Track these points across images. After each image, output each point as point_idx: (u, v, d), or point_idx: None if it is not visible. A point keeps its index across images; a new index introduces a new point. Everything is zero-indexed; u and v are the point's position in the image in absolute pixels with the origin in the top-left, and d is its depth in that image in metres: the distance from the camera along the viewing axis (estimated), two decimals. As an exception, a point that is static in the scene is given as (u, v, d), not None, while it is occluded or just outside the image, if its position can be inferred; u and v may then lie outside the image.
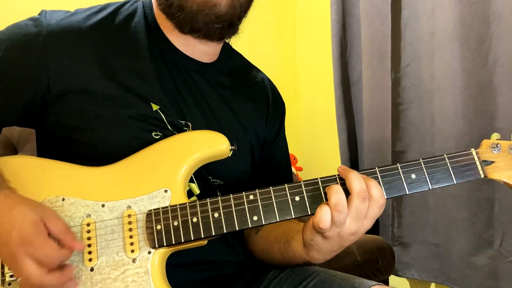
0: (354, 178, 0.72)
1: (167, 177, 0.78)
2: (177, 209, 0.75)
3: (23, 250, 0.65)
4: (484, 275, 1.62)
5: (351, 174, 0.72)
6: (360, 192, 0.71)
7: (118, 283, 0.73)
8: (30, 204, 0.70)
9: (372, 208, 0.73)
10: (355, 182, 0.71)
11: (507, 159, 0.78)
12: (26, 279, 0.65)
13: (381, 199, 0.73)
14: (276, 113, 1.02)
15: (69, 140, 0.81)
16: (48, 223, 0.68)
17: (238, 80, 0.98)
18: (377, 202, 0.73)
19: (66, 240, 0.69)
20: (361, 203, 0.72)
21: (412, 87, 1.86)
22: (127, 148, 0.80)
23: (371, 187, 0.72)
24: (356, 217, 0.72)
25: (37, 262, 0.66)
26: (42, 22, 0.81)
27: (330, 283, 0.85)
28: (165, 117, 0.83)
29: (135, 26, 0.87)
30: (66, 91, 0.79)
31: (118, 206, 0.76)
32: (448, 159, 0.77)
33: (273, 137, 1.01)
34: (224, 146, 0.80)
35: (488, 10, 1.56)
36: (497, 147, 0.78)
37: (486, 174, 0.77)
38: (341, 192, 0.71)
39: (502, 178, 0.77)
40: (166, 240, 0.74)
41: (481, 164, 0.77)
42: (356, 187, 0.71)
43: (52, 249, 0.67)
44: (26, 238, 0.66)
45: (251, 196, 0.75)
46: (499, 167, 0.77)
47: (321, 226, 0.71)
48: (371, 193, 0.72)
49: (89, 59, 0.81)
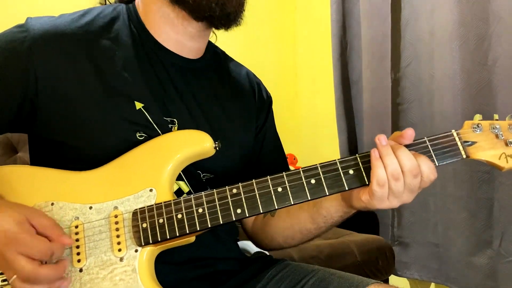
0: (401, 154, 0.73)
1: (152, 177, 0.79)
2: (162, 206, 0.76)
3: (12, 249, 0.66)
4: (483, 275, 1.63)
5: (399, 152, 0.73)
6: (410, 167, 0.73)
7: (107, 283, 0.74)
8: (13, 206, 0.72)
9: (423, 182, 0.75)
10: (406, 160, 0.72)
11: (489, 138, 0.77)
12: (20, 274, 0.66)
13: (431, 175, 0.74)
14: (263, 107, 1.03)
15: (58, 143, 0.82)
16: (33, 221, 0.69)
17: (223, 75, 0.99)
18: (427, 177, 0.75)
19: (53, 235, 0.70)
20: (412, 178, 0.74)
21: (412, 87, 1.87)
22: (112, 150, 0.81)
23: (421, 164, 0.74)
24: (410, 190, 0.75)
25: (28, 258, 0.66)
26: (27, 27, 0.82)
27: (329, 282, 0.85)
28: (149, 115, 0.83)
29: (118, 28, 0.88)
30: (53, 94, 0.80)
31: (105, 208, 0.77)
32: (429, 141, 0.76)
33: (260, 128, 1.02)
34: (208, 144, 0.81)
35: (487, 10, 1.56)
36: (478, 127, 0.77)
37: (469, 155, 0.76)
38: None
39: (485, 157, 0.76)
40: (152, 237, 0.75)
41: (463, 145, 0.76)
42: (407, 164, 0.72)
43: (40, 243, 0.68)
44: (13, 238, 0.67)
45: (234, 189, 0.76)
46: (481, 146, 0.76)
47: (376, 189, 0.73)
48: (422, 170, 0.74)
49: (75, 61, 0.82)
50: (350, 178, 0.76)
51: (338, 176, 0.76)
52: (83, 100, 0.81)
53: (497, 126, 0.78)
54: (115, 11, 0.91)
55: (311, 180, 0.76)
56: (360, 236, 1.82)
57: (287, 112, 2.65)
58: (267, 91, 1.07)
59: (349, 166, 0.76)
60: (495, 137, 0.77)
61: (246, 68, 1.06)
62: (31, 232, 0.69)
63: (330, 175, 0.76)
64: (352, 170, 0.76)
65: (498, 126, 0.78)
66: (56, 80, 0.81)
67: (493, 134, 0.77)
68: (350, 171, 0.76)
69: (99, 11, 0.90)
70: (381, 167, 0.72)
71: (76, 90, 0.81)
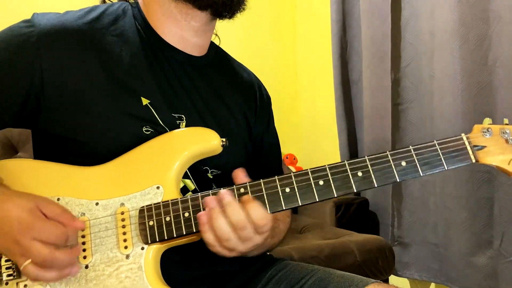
0: (232, 210, 0.71)
1: (159, 174, 0.78)
2: (169, 204, 0.76)
3: (26, 236, 0.67)
4: (483, 275, 1.63)
5: (227, 208, 0.71)
6: (237, 223, 0.70)
7: (112, 280, 0.74)
8: (23, 195, 0.72)
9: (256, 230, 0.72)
10: (233, 216, 0.71)
11: (499, 143, 0.76)
12: (37, 259, 0.67)
13: (260, 221, 0.71)
14: (263, 107, 1.04)
15: (63, 139, 0.82)
16: (43, 209, 0.70)
17: (226, 74, 1.00)
18: (257, 224, 0.71)
19: (65, 220, 0.71)
20: (241, 232, 0.71)
21: (412, 87, 1.87)
22: (119, 145, 0.81)
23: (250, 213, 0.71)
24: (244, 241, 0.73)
25: (43, 243, 0.68)
26: (34, 23, 0.83)
27: (328, 281, 0.85)
28: (156, 112, 0.84)
29: (124, 25, 0.89)
30: (60, 88, 0.81)
31: (111, 204, 0.77)
32: (438, 145, 0.76)
33: (262, 130, 1.03)
34: (215, 142, 0.80)
35: (487, 10, 1.56)
36: (488, 132, 0.76)
37: (478, 159, 0.75)
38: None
39: (494, 162, 0.75)
40: (158, 236, 0.75)
41: (472, 149, 0.75)
42: (234, 220, 0.71)
43: (54, 228, 0.69)
44: (26, 225, 0.68)
45: (242, 189, 0.75)
46: (490, 151, 0.75)
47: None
48: (251, 219, 0.71)
49: (81, 56, 0.83)
50: (359, 180, 0.75)
51: (347, 177, 0.75)
52: (89, 95, 0.81)
53: (507, 131, 0.77)
54: (120, 8, 0.92)
55: (320, 181, 0.75)
56: (360, 236, 1.82)
57: (287, 112, 2.65)
58: (267, 93, 1.08)
59: (358, 168, 0.75)
60: (505, 142, 0.76)
61: (247, 69, 1.07)
62: (43, 218, 0.69)
63: (338, 176, 0.75)
64: (361, 172, 0.75)
65: (508, 131, 0.77)
66: (62, 75, 0.81)
67: (503, 139, 0.76)
68: (359, 173, 0.75)
69: (104, 8, 0.91)
70: (208, 232, 0.72)
71: (82, 86, 0.81)
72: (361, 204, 2.03)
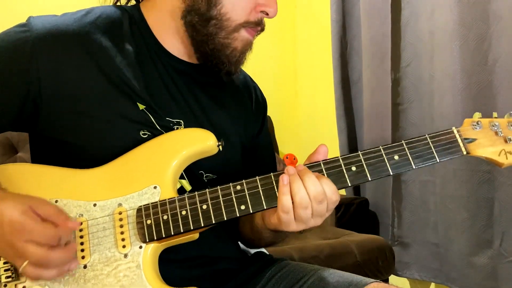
0: (308, 180, 0.73)
1: (156, 174, 0.79)
2: (166, 203, 0.76)
3: (19, 238, 0.68)
4: (483, 275, 1.63)
5: (306, 177, 0.74)
6: (317, 195, 0.73)
7: (111, 279, 0.74)
8: (17, 197, 0.73)
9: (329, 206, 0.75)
10: (313, 186, 0.73)
11: (489, 136, 0.78)
12: (32, 259, 0.67)
13: (334, 195, 0.75)
14: (258, 108, 1.05)
15: (61, 142, 0.82)
16: (37, 210, 0.70)
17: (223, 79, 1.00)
18: (330, 199, 0.75)
19: (58, 220, 0.71)
20: (319, 204, 0.74)
21: (412, 87, 1.87)
22: (116, 148, 0.81)
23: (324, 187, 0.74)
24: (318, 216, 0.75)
25: (37, 244, 0.68)
26: (30, 27, 0.82)
27: (328, 281, 0.85)
28: (152, 117, 0.84)
29: (121, 28, 0.88)
30: (57, 93, 0.80)
31: (109, 205, 0.78)
32: (429, 138, 0.78)
33: (256, 131, 1.03)
34: (211, 142, 0.81)
35: (487, 10, 1.56)
36: (478, 125, 0.79)
37: (469, 151, 0.77)
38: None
39: (484, 154, 0.77)
40: (156, 234, 0.75)
41: (463, 142, 0.78)
42: (313, 191, 0.73)
43: (47, 229, 0.69)
44: (19, 227, 0.68)
45: (238, 186, 0.77)
46: (481, 143, 0.78)
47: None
48: (326, 194, 0.74)
49: (78, 60, 0.82)
50: (353, 175, 0.77)
51: (341, 172, 0.77)
52: (86, 99, 0.81)
53: (496, 123, 0.79)
54: (118, 11, 0.91)
55: None
56: (360, 236, 1.83)
57: (287, 112, 2.65)
58: (262, 95, 1.08)
59: (352, 163, 0.77)
60: (495, 134, 0.79)
61: (244, 72, 1.07)
62: (36, 219, 0.69)
63: (333, 171, 0.77)
64: (354, 167, 0.77)
65: (498, 123, 0.79)
66: (59, 80, 0.81)
67: (492, 132, 0.79)
68: (353, 167, 0.77)
69: (101, 10, 0.90)
70: (287, 194, 0.73)
71: (79, 90, 0.81)
72: (361, 204, 2.03)
